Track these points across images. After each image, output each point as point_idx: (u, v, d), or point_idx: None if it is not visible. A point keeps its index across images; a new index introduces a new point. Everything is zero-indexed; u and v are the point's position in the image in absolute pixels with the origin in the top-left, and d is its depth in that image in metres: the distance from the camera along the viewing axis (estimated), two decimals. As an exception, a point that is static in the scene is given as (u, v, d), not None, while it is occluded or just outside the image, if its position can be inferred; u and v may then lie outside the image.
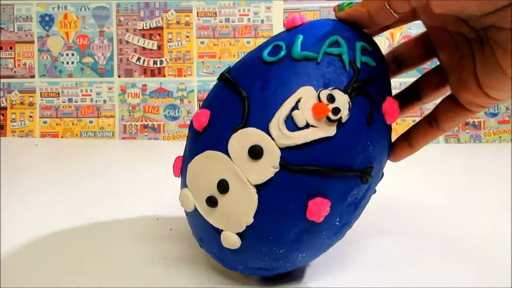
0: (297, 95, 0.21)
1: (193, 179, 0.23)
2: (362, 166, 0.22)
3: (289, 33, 0.24)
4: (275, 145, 0.20)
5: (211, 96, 0.24)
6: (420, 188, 0.46)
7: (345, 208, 0.22)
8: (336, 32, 0.23)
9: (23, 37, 0.78)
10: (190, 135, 0.25)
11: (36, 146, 0.70)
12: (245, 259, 0.23)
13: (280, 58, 0.22)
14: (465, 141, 0.76)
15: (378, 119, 0.22)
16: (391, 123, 0.23)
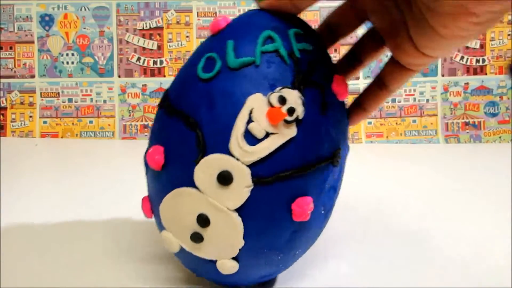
0: (248, 106, 0.20)
1: (170, 220, 0.22)
2: (330, 152, 0.22)
3: (217, 39, 0.22)
4: (241, 164, 0.20)
5: (158, 129, 0.23)
6: (420, 188, 0.46)
7: (326, 196, 0.22)
8: (265, 26, 0.22)
9: (23, 37, 0.78)
10: (149, 175, 0.23)
11: (36, 146, 0.70)
12: (246, 275, 0.23)
13: (217, 71, 0.21)
14: (465, 141, 0.76)
15: (332, 101, 0.22)
16: (344, 99, 0.23)
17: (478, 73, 0.77)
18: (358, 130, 0.76)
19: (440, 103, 0.77)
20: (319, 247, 0.31)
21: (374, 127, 0.76)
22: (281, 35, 0.21)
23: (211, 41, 0.23)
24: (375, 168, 0.57)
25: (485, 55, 0.77)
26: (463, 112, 0.77)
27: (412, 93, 0.77)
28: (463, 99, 0.77)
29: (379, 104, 0.25)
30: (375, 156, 0.66)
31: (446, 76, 0.77)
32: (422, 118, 0.77)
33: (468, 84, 0.77)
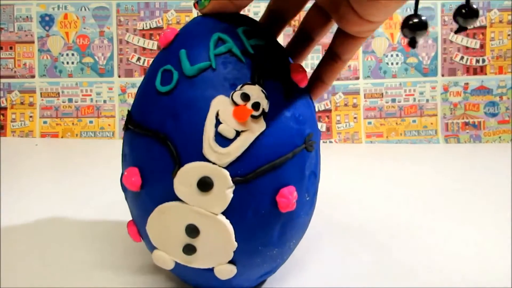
0: (213, 110, 0.20)
1: (160, 238, 0.22)
2: (302, 139, 0.22)
3: (169, 51, 0.22)
4: (219, 167, 0.20)
5: (129, 151, 0.23)
6: (420, 188, 0.46)
7: (307, 182, 0.22)
8: (214, 30, 0.22)
9: (23, 37, 0.78)
10: (130, 198, 0.23)
11: (36, 146, 0.70)
12: (246, 276, 0.23)
13: (176, 82, 0.21)
14: (465, 141, 0.76)
15: (293, 89, 0.22)
16: (304, 86, 0.23)
17: (478, 73, 0.78)
18: (358, 130, 0.76)
19: (440, 103, 0.77)
20: (317, 245, 0.31)
21: (374, 127, 0.76)
22: (231, 35, 0.22)
23: (163, 55, 0.23)
24: (375, 168, 0.57)
25: (485, 55, 0.77)
26: (463, 112, 0.77)
27: (412, 93, 0.77)
28: (463, 99, 0.77)
29: (336, 75, 0.26)
30: (375, 156, 0.66)
31: (446, 76, 0.77)
32: (422, 118, 0.77)
33: (468, 84, 0.77)
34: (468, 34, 0.78)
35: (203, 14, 0.23)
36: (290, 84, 0.22)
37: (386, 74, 0.77)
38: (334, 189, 0.46)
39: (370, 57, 0.77)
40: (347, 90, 0.77)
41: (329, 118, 0.77)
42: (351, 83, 0.77)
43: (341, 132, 0.76)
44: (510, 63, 0.77)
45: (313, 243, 0.31)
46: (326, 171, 0.55)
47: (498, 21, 0.77)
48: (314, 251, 0.30)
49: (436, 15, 0.77)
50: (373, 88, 0.77)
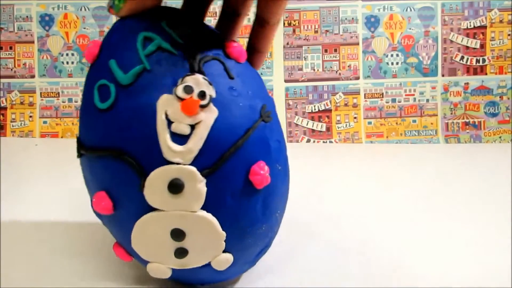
0: (161, 111, 0.19)
1: (149, 252, 0.21)
2: (257, 112, 0.22)
3: (99, 65, 0.21)
4: (184, 166, 0.19)
5: (90, 178, 0.22)
6: (420, 188, 0.46)
7: (274, 153, 0.22)
8: (137, 30, 0.21)
9: (23, 37, 0.78)
10: (106, 222, 0.23)
11: (36, 146, 0.70)
12: (245, 259, 0.23)
13: (115, 95, 0.20)
14: (465, 141, 0.76)
15: (234, 66, 0.22)
16: (244, 61, 0.23)
17: (478, 73, 0.77)
18: (358, 130, 0.76)
19: (440, 103, 0.77)
20: (316, 244, 0.31)
21: (374, 127, 0.76)
22: (156, 31, 0.21)
23: (94, 70, 0.22)
24: (375, 168, 0.57)
25: (485, 55, 0.77)
26: (463, 112, 0.77)
27: (412, 93, 0.77)
28: (463, 99, 0.77)
29: (269, 42, 0.25)
30: (375, 156, 0.66)
31: (446, 76, 0.77)
32: (422, 118, 0.77)
33: (468, 84, 0.77)
34: (468, 34, 0.78)
35: (121, 17, 0.22)
36: (229, 62, 0.22)
37: (386, 74, 0.77)
38: (334, 189, 0.46)
39: (370, 57, 0.77)
40: (347, 90, 0.77)
41: (329, 118, 0.77)
42: (351, 83, 0.77)
43: (341, 132, 0.76)
44: (510, 63, 0.77)
45: (313, 242, 0.31)
46: (326, 171, 0.55)
47: (498, 21, 0.77)
48: (311, 247, 0.30)
49: (436, 15, 0.77)
50: (373, 88, 0.77)
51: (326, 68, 0.77)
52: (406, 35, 0.77)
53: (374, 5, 0.77)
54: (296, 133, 0.76)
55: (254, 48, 0.25)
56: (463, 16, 0.77)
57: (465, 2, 0.77)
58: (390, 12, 0.77)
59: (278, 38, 0.77)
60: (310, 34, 0.77)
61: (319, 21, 0.77)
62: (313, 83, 0.77)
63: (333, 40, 0.77)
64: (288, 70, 0.77)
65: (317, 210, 0.39)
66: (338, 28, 0.77)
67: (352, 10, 0.77)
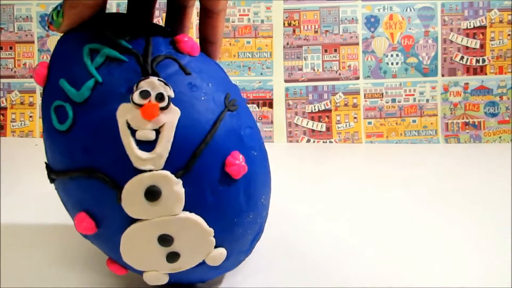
0: (122, 122, 0.19)
1: (141, 262, 0.21)
2: (222, 102, 0.21)
3: (50, 86, 0.21)
4: (157, 172, 0.19)
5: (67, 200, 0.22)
6: (420, 188, 0.46)
7: (247, 140, 0.22)
8: (81, 44, 0.20)
9: (23, 37, 0.78)
10: (93, 240, 0.22)
11: (36, 146, 0.70)
12: (239, 249, 0.23)
13: (73, 116, 0.20)
14: (465, 141, 0.76)
15: (189, 61, 0.21)
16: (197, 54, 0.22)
17: (478, 73, 0.77)
18: (358, 130, 0.76)
19: (440, 103, 0.77)
20: (315, 243, 0.31)
21: (374, 127, 0.76)
22: (101, 41, 0.20)
23: (46, 92, 0.21)
24: (375, 168, 0.57)
25: (485, 55, 0.77)
26: (463, 112, 0.77)
27: (412, 93, 0.77)
28: (463, 99, 0.77)
29: (219, 31, 0.24)
30: (375, 156, 0.66)
31: (446, 76, 0.77)
32: (422, 118, 0.77)
33: (468, 84, 0.77)
34: (468, 34, 0.78)
35: (62, 32, 0.21)
36: (182, 57, 0.21)
37: (386, 74, 0.77)
38: (334, 189, 0.46)
39: (370, 57, 0.77)
40: (347, 90, 0.77)
41: (329, 118, 0.77)
42: (351, 83, 0.77)
43: (341, 132, 0.76)
44: (510, 63, 0.77)
45: (312, 242, 0.32)
46: (326, 171, 0.55)
47: (498, 21, 0.77)
48: (311, 247, 0.30)
49: (436, 15, 0.77)
50: (373, 88, 0.77)
51: (326, 68, 0.77)
52: (406, 35, 0.77)
53: (374, 5, 0.77)
54: (296, 133, 0.76)
55: (206, 40, 0.25)
56: (463, 16, 0.77)
57: (465, 2, 0.77)
58: (390, 12, 0.77)
59: (278, 38, 0.77)
60: (310, 34, 0.77)
61: (319, 21, 0.77)
62: (313, 83, 0.77)
63: (333, 40, 0.77)
64: (288, 70, 0.77)
65: (317, 210, 0.39)
66: (338, 28, 0.77)
67: (352, 10, 0.77)
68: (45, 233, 0.33)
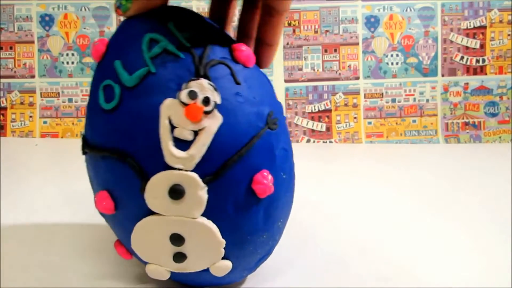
0: (164, 115, 0.19)
1: (148, 253, 0.21)
2: (263, 118, 0.21)
3: (104, 65, 0.21)
4: (186, 172, 0.19)
5: (94, 176, 0.22)
6: (420, 188, 0.46)
7: (280, 161, 0.22)
8: (143, 31, 0.20)
9: (23, 37, 0.78)
10: (107, 220, 0.23)
11: (36, 146, 0.70)
12: (244, 266, 0.23)
13: (119, 97, 0.20)
14: (465, 141, 0.76)
15: (241, 70, 0.21)
16: (252, 66, 0.22)
17: (478, 73, 0.78)
18: (358, 130, 0.76)
19: (440, 103, 0.77)
20: (315, 243, 0.31)
21: (374, 127, 0.76)
22: (163, 33, 0.20)
23: (100, 69, 0.22)
24: (375, 168, 0.57)
25: (485, 55, 0.77)
26: (463, 112, 0.77)
27: (412, 93, 0.77)
28: (463, 99, 0.77)
29: (279, 32, 0.24)
30: (375, 156, 0.66)
31: (446, 76, 0.77)
32: (422, 118, 0.77)
33: (468, 84, 0.77)
34: (468, 34, 0.78)
35: (129, 16, 0.22)
36: (237, 67, 0.21)
37: (386, 74, 0.77)
38: (334, 189, 0.46)
39: (370, 57, 0.77)
40: (347, 90, 0.77)
41: (329, 118, 0.77)
42: (351, 83, 0.77)
43: (341, 132, 0.76)
44: (510, 63, 0.77)
45: (312, 241, 0.32)
46: (326, 171, 0.55)
47: (498, 21, 0.77)
48: (311, 248, 0.30)
49: (436, 15, 0.77)
50: (373, 88, 0.77)
51: (326, 68, 0.77)
52: (406, 35, 0.77)
53: (374, 5, 0.77)
54: (296, 133, 0.76)
55: (262, 41, 0.24)
56: (463, 16, 0.77)
57: (465, 2, 0.77)
58: (390, 12, 0.77)
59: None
60: (310, 34, 0.77)
61: (319, 21, 0.77)
62: (313, 83, 0.77)
63: (333, 40, 0.77)
64: (288, 70, 0.77)
65: (317, 210, 0.39)
66: (338, 28, 0.77)
67: (352, 10, 0.77)
68: (45, 233, 0.33)
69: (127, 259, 0.23)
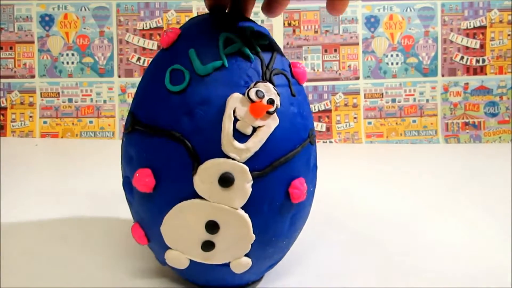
0: (230, 106, 0.20)
1: (176, 238, 0.22)
2: (307, 132, 0.23)
3: (174, 51, 0.22)
4: (239, 163, 0.20)
5: (137, 154, 0.22)
6: (420, 188, 0.46)
7: (311, 174, 0.23)
8: (219, 30, 0.22)
9: (23, 37, 0.78)
10: (138, 200, 0.22)
11: (36, 146, 0.70)
12: (258, 268, 0.23)
13: (188, 81, 0.21)
14: (465, 141, 0.76)
15: (295, 85, 0.23)
16: (303, 83, 0.25)
17: (478, 73, 0.78)
18: (358, 130, 0.76)
19: (440, 103, 0.77)
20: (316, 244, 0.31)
21: (374, 127, 0.76)
22: (239, 35, 0.22)
23: (168, 54, 0.23)
24: (375, 168, 0.57)
25: (485, 55, 0.77)
26: (463, 112, 0.77)
27: (412, 93, 0.77)
28: (463, 99, 0.77)
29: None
30: (375, 156, 0.66)
31: (446, 76, 0.77)
32: (422, 118, 0.77)
33: (468, 84, 0.77)
34: (468, 34, 0.78)
35: (208, 7, 0.24)
36: (293, 81, 0.23)
37: (386, 74, 0.77)
38: (334, 189, 0.46)
39: (370, 57, 0.77)
40: (347, 90, 0.77)
41: (329, 118, 0.77)
42: (351, 83, 0.77)
43: (341, 132, 0.76)
44: (510, 63, 0.77)
45: (312, 242, 0.32)
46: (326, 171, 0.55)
47: (498, 21, 0.77)
48: (313, 250, 0.30)
49: (436, 15, 0.77)
50: (373, 88, 0.77)
51: (326, 68, 0.77)
52: (406, 35, 0.77)
53: (374, 5, 0.77)
54: (296, 133, 0.76)
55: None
56: (463, 16, 0.77)
57: (465, 2, 0.77)
58: (390, 12, 0.77)
59: (278, 38, 0.77)
60: (310, 34, 0.77)
61: (319, 21, 0.77)
62: (313, 83, 0.77)
63: (333, 40, 0.77)
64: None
65: (317, 210, 0.39)
66: (338, 28, 0.77)
67: (352, 10, 0.77)
68: (45, 233, 0.33)
69: (142, 244, 0.23)
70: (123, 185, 0.23)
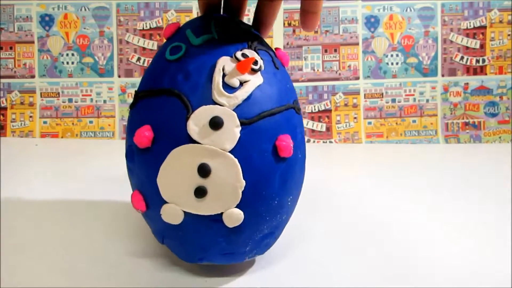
0: (220, 64, 0.23)
1: (171, 186, 0.23)
2: (292, 100, 0.25)
3: (175, 37, 0.26)
4: (228, 109, 0.22)
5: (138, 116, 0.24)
6: (420, 188, 0.46)
7: (299, 140, 0.25)
8: (211, 19, 0.26)
9: (23, 37, 0.78)
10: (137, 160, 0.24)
11: (36, 146, 0.70)
12: (251, 232, 0.24)
13: (184, 51, 0.24)
14: (465, 141, 0.76)
15: (279, 64, 0.26)
16: (287, 66, 0.27)
17: (478, 73, 0.78)
18: (358, 130, 0.76)
19: (440, 103, 0.77)
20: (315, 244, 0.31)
21: (374, 127, 0.76)
22: (227, 20, 0.26)
23: (168, 42, 0.26)
24: (375, 168, 0.57)
25: (485, 55, 0.77)
26: (463, 112, 0.77)
27: (412, 93, 0.77)
28: (463, 99, 0.77)
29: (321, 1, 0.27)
30: (375, 156, 0.66)
31: (446, 76, 0.77)
32: (422, 118, 0.77)
33: (468, 84, 0.77)
34: (468, 34, 0.78)
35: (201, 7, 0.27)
36: (276, 59, 0.26)
37: (386, 74, 0.77)
38: (333, 189, 0.46)
39: (370, 57, 0.77)
40: (347, 90, 0.77)
41: (329, 118, 0.77)
42: (351, 83, 0.77)
43: (341, 132, 0.76)
44: (510, 63, 0.77)
45: (312, 241, 0.32)
46: (326, 171, 0.55)
47: (498, 21, 0.77)
48: (311, 248, 0.30)
49: (436, 15, 0.77)
50: (373, 88, 0.77)
51: (326, 68, 0.77)
52: (406, 35, 0.77)
53: (374, 5, 0.77)
54: (296, 133, 0.76)
55: (307, 11, 0.27)
56: (463, 16, 0.77)
57: (465, 2, 0.77)
58: (390, 12, 0.77)
59: (278, 38, 0.77)
60: (310, 34, 0.77)
61: (319, 21, 0.77)
62: (313, 83, 0.77)
63: (333, 40, 0.77)
64: (288, 70, 0.77)
65: (317, 210, 0.39)
66: (338, 28, 0.77)
67: (352, 10, 0.77)
68: (45, 233, 0.33)
69: (141, 210, 0.24)
70: (126, 156, 0.25)
